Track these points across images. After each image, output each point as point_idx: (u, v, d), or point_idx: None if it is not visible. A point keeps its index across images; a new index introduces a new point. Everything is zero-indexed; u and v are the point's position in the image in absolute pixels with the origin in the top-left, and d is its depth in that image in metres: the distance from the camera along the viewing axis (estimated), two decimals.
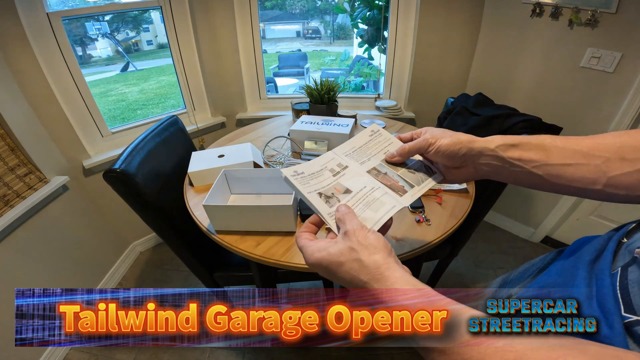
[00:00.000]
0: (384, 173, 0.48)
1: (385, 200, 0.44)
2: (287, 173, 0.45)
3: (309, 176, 0.46)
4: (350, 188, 0.45)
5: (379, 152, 0.51)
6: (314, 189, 0.45)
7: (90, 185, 1.56)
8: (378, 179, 0.47)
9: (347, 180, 0.46)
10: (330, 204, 0.43)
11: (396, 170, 0.49)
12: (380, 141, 0.52)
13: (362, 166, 0.49)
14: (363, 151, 0.51)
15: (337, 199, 0.44)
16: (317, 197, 0.44)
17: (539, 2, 1.42)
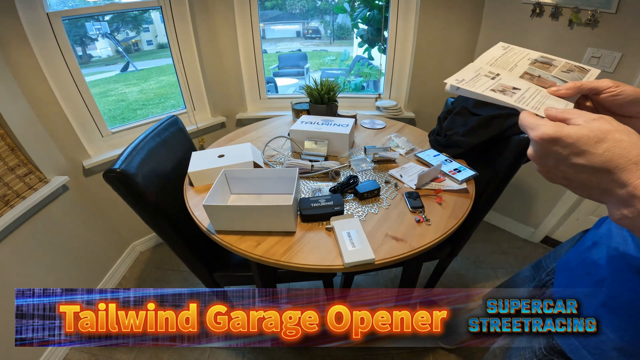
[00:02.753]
0: (538, 76, 0.46)
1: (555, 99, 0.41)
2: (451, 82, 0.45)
3: (471, 81, 0.45)
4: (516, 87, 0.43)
5: (522, 58, 0.49)
6: (485, 87, 0.43)
7: (90, 185, 1.56)
8: (534, 82, 0.45)
9: (508, 82, 0.44)
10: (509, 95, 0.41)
11: (549, 71, 0.47)
12: (517, 52, 0.51)
13: (512, 73, 0.47)
14: (505, 59, 0.49)
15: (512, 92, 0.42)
16: (493, 93, 0.42)
17: (539, 2, 1.42)
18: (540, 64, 0.48)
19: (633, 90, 0.42)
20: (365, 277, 1.70)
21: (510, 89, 0.43)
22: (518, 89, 0.43)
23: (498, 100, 0.40)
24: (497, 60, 0.49)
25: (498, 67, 0.48)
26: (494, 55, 0.50)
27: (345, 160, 1.15)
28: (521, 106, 0.39)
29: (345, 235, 0.79)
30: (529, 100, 0.40)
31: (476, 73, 0.46)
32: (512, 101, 0.39)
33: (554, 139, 0.32)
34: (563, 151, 0.32)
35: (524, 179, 1.79)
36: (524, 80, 0.45)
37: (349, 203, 0.94)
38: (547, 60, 0.49)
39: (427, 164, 1.11)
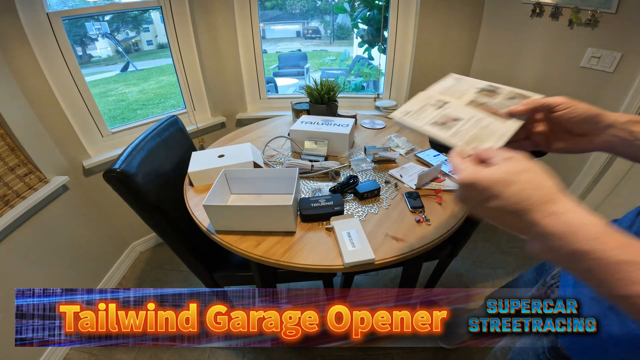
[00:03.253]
0: (483, 103, 0.49)
1: (494, 128, 0.44)
2: (397, 115, 0.49)
3: (416, 112, 0.48)
4: (459, 117, 0.47)
5: (470, 87, 0.53)
6: (426, 122, 0.46)
7: (90, 185, 1.56)
8: (480, 109, 0.48)
9: (453, 112, 0.48)
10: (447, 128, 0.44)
11: (494, 99, 0.50)
12: (467, 82, 0.55)
13: (460, 100, 0.50)
14: (455, 89, 0.53)
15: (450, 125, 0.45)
16: (432, 127, 0.45)
17: (539, 2, 1.42)
18: (486, 92, 0.51)
19: (585, 107, 0.45)
20: (365, 277, 1.70)
21: (451, 120, 0.46)
22: (459, 119, 0.46)
23: (435, 136, 0.44)
24: (448, 90, 0.53)
25: (448, 95, 0.52)
26: (445, 85, 0.54)
27: (345, 160, 1.15)
28: (454, 142, 0.42)
29: (345, 235, 0.79)
30: (464, 135, 0.43)
31: (425, 102, 0.50)
32: (446, 137, 0.43)
33: (470, 184, 0.34)
34: (479, 195, 0.34)
35: None
36: (470, 108, 0.48)
37: (349, 203, 0.94)
38: (493, 89, 0.52)
39: (427, 164, 1.11)
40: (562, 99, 0.45)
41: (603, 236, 0.28)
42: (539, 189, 0.32)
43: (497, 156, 0.35)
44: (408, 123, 0.47)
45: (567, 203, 0.31)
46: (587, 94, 1.43)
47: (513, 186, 0.32)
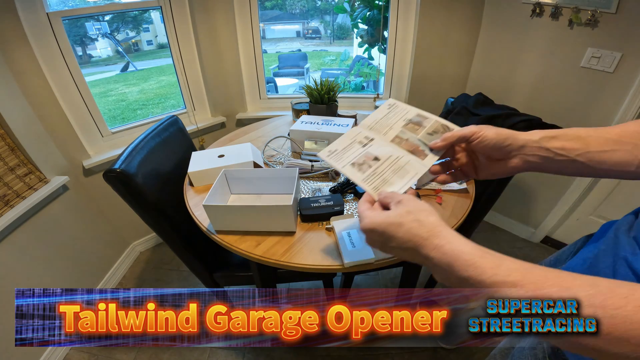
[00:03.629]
0: (406, 139, 0.53)
1: (409, 168, 0.49)
2: (323, 155, 0.52)
3: (341, 151, 0.52)
4: (378, 156, 0.51)
5: (399, 120, 0.56)
6: (347, 162, 0.51)
7: (90, 185, 1.56)
8: (401, 146, 0.52)
9: (376, 150, 0.52)
10: (362, 171, 0.49)
11: (416, 134, 0.53)
12: (398, 111, 0.58)
13: (385, 136, 0.54)
14: (384, 122, 0.57)
15: (368, 165, 0.49)
16: (350, 168, 0.50)
17: (539, 2, 1.42)
18: (412, 125, 0.55)
19: (494, 133, 0.46)
20: (365, 277, 1.70)
21: (372, 159, 0.50)
22: (379, 158, 0.50)
23: (352, 178, 0.48)
24: (378, 123, 0.57)
25: (375, 131, 0.55)
26: (376, 116, 0.58)
27: None
28: (366, 186, 0.46)
29: (345, 235, 0.79)
30: (377, 177, 0.48)
31: (352, 140, 0.54)
32: (360, 180, 0.48)
33: (370, 230, 0.40)
34: (380, 238, 0.39)
35: (524, 179, 1.79)
36: (393, 145, 0.53)
37: (349, 203, 0.94)
38: (419, 120, 0.56)
39: None
40: (473, 129, 0.47)
41: (477, 261, 0.32)
42: (423, 227, 0.36)
43: (392, 201, 0.41)
44: (330, 164, 0.51)
45: (447, 235, 0.35)
46: (587, 94, 1.43)
47: (402, 227, 0.37)
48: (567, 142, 0.44)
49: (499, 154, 0.47)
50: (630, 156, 0.41)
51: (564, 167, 0.45)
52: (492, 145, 0.46)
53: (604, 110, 1.41)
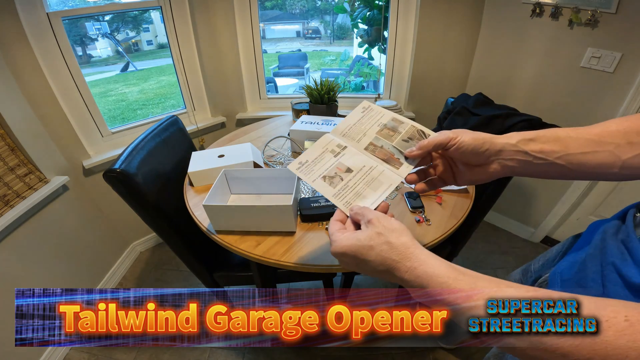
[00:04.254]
0: (380, 147, 0.50)
1: (382, 179, 0.47)
2: (292, 167, 0.49)
3: (312, 162, 0.49)
4: (351, 167, 0.48)
5: (373, 125, 0.53)
6: (318, 175, 0.48)
7: (90, 185, 1.56)
8: (375, 154, 0.50)
9: (348, 160, 0.49)
10: (334, 185, 0.47)
11: (391, 141, 0.51)
12: (373, 115, 0.55)
13: (359, 144, 0.51)
14: (358, 127, 0.53)
15: (340, 177, 0.47)
16: (321, 182, 0.47)
17: (539, 2, 1.42)
18: (387, 130, 0.52)
19: (470, 139, 0.44)
20: (365, 277, 1.70)
21: (344, 170, 0.48)
22: (351, 170, 0.48)
23: (322, 193, 0.46)
24: (351, 129, 0.53)
25: (348, 138, 0.52)
26: (350, 122, 0.54)
27: None
28: (337, 202, 0.45)
29: None
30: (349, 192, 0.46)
31: (324, 149, 0.51)
32: (331, 195, 0.46)
33: (341, 254, 0.38)
34: (352, 261, 0.38)
35: (524, 179, 1.79)
36: (366, 154, 0.50)
37: None
38: (394, 126, 0.53)
39: None
40: (449, 134, 0.45)
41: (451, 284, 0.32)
42: (394, 249, 0.35)
43: (363, 219, 0.39)
44: (301, 177, 0.49)
45: (419, 256, 0.35)
46: (587, 94, 1.43)
47: (373, 250, 0.36)
48: (545, 145, 0.42)
49: (476, 160, 0.45)
50: (612, 157, 0.39)
51: (544, 171, 0.43)
52: (469, 151, 0.44)
53: (604, 110, 1.41)
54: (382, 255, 0.36)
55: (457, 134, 0.45)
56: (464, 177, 0.49)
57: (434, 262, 0.35)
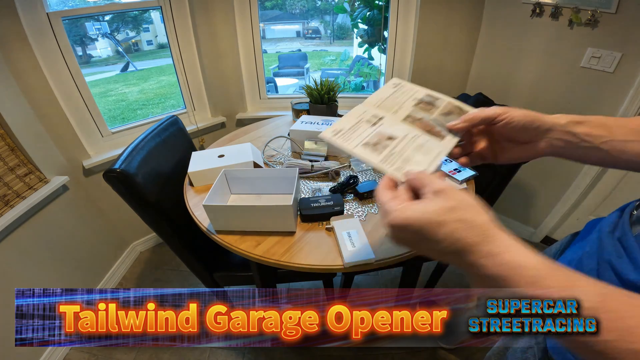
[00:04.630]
0: (420, 119, 0.47)
1: (431, 146, 0.43)
2: (327, 135, 0.45)
3: (348, 130, 0.45)
4: (392, 135, 0.44)
5: (408, 99, 0.50)
6: (358, 142, 0.43)
7: (90, 185, 1.56)
8: (415, 125, 0.46)
9: (388, 129, 0.45)
10: (378, 151, 0.42)
11: (430, 114, 0.48)
12: (406, 91, 0.52)
13: (395, 115, 0.48)
14: (392, 100, 0.50)
15: (384, 144, 0.43)
16: (362, 149, 0.42)
17: (539, 2, 1.42)
18: (424, 105, 0.49)
19: (522, 114, 0.43)
20: (365, 277, 1.70)
21: (385, 138, 0.44)
22: (394, 137, 0.44)
23: (365, 160, 0.41)
24: (385, 102, 0.50)
25: (383, 109, 0.48)
26: (382, 95, 0.51)
27: (345, 160, 1.15)
28: (385, 167, 0.40)
29: (345, 235, 0.79)
30: (397, 157, 0.41)
31: (358, 119, 0.47)
32: (378, 161, 0.40)
33: (401, 227, 0.32)
34: (412, 237, 0.32)
35: (524, 179, 1.79)
36: (406, 124, 0.46)
37: (349, 203, 0.94)
38: (431, 100, 0.50)
39: None
40: (499, 109, 0.44)
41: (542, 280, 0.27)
42: (472, 228, 0.30)
43: (427, 187, 0.33)
44: (337, 145, 0.43)
45: (503, 241, 0.30)
46: (587, 94, 1.43)
47: (445, 227, 0.30)
48: (593, 129, 0.42)
49: (525, 137, 0.44)
50: None
51: (586, 154, 0.43)
52: (520, 127, 0.43)
53: (603, 110, 1.41)
54: (454, 235, 0.30)
55: (507, 110, 0.44)
56: (507, 154, 0.47)
57: (522, 250, 0.29)
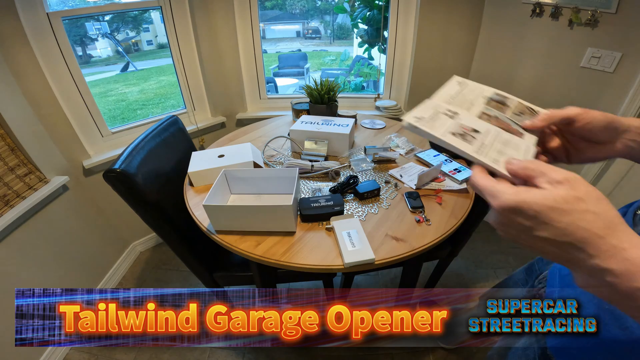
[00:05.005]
0: (495, 117, 0.45)
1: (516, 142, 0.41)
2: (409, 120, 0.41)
3: (429, 119, 0.42)
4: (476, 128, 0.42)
5: (478, 97, 0.48)
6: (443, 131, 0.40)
7: (90, 185, 1.56)
8: (492, 123, 0.44)
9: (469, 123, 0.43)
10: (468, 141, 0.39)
11: (504, 112, 0.46)
12: (472, 88, 0.50)
13: (469, 112, 0.45)
14: (462, 98, 0.48)
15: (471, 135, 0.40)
16: (453, 137, 0.39)
17: (539, 2, 1.42)
18: (495, 104, 0.48)
19: (602, 115, 0.42)
20: (365, 277, 1.70)
21: (470, 130, 0.41)
22: (478, 131, 0.41)
23: (457, 149, 0.38)
24: (454, 98, 0.48)
25: (455, 105, 0.46)
26: (450, 92, 0.49)
27: (345, 160, 1.15)
28: (481, 158, 0.37)
29: (345, 235, 0.79)
30: (489, 148, 0.38)
31: (434, 110, 0.44)
32: (472, 151, 0.37)
33: (516, 210, 0.30)
34: (526, 222, 0.30)
35: None
36: (483, 121, 0.44)
37: (349, 203, 0.94)
38: (501, 99, 0.48)
39: (427, 164, 1.11)
40: (578, 110, 0.43)
41: None
42: (600, 221, 0.28)
43: (545, 176, 0.31)
44: (424, 130, 0.40)
45: (631, 237, 0.28)
46: (587, 94, 1.43)
47: (568, 216, 0.28)
48: None
49: (604, 137, 0.44)
50: None
51: None
52: (600, 128, 0.43)
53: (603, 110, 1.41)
54: (579, 223, 0.28)
55: (586, 110, 0.43)
56: (583, 154, 0.47)
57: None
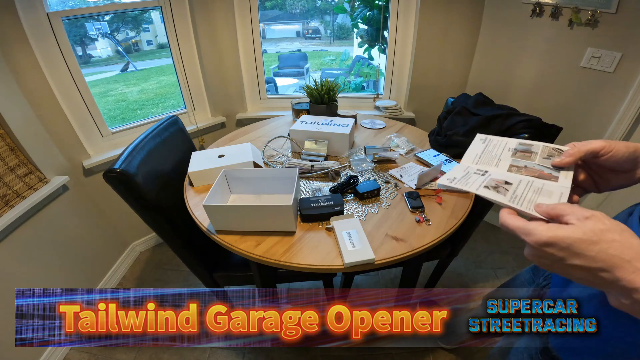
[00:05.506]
0: (524, 167, 0.47)
1: (550, 188, 0.43)
2: (443, 182, 0.46)
3: (462, 179, 0.46)
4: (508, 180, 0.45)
5: (503, 151, 0.51)
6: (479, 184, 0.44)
7: (90, 185, 1.56)
8: (522, 173, 0.46)
9: (500, 177, 0.46)
10: (502, 194, 0.42)
11: (532, 160, 0.48)
12: (496, 143, 0.53)
13: (498, 167, 0.48)
14: (488, 155, 0.51)
15: (504, 188, 0.43)
16: (486, 190, 0.43)
17: (539, 2, 1.42)
18: (521, 154, 0.50)
19: (624, 146, 0.44)
20: (365, 277, 1.70)
21: (503, 183, 0.44)
22: (510, 183, 0.44)
23: (494, 200, 0.41)
24: (481, 157, 0.51)
25: (484, 164, 0.49)
26: (476, 151, 0.52)
27: (345, 160, 1.15)
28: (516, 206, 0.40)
29: (345, 235, 0.79)
30: (521, 199, 0.41)
31: (465, 171, 0.48)
32: (507, 200, 0.41)
33: (550, 244, 0.33)
34: (559, 253, 0.33)
35: None
36: (513, 173, 0.47)
37: (349, 203, 0.94)
38: (526, 148, 0.50)
39: (427, 164, 1.11)
40: (602, 143, 0.45)
41: None
42: (628, 248, 0.31)
43: (572, 214, 0.34)
44: (458, 188, 0.45)
45: None
46: (587, 94, 1.43)
47: (597, 245, 0.32)
48: None
49: (628, 166, 0.46)
50: None
51: None
52: (625, 158, 0.44)
53: (604, 110, 1.41)
54: (608, 252, 0.31)
55: (610, 142, 0.45)
56: (610, 183, 0.49)
57: None
